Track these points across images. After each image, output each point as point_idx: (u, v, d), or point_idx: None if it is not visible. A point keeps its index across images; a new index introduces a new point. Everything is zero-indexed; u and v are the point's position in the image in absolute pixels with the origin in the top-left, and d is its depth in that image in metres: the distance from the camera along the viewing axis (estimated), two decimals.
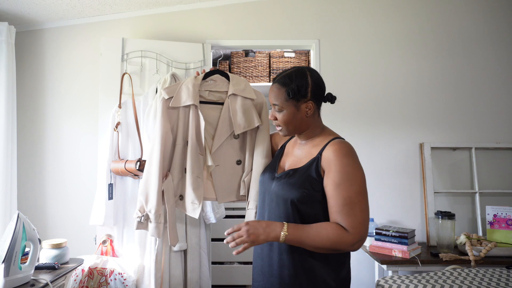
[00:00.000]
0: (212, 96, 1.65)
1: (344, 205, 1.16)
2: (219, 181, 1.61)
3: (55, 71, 2.64)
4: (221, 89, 1.65)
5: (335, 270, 1.26)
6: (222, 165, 1.61)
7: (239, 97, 1.60)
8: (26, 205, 2.53)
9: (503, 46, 2.70)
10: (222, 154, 1.61)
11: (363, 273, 2.58)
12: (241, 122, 1.57)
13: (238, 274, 2.87)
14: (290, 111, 1.29)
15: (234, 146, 1.63)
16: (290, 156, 1.39)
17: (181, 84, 1.64)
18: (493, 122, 2.66)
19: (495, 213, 2.34)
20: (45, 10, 2.47)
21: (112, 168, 2.19)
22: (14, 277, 1.54)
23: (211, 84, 1.66)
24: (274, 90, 1.31)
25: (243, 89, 1.62)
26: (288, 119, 1.30)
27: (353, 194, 1.17)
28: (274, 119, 1.34)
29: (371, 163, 2.63)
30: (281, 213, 1.27)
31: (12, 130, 2.39)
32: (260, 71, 3.20)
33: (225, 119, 1.60)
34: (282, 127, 1.33)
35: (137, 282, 2.10)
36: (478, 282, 1.49)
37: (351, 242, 1.16)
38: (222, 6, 2.72)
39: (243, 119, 1.57)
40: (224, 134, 1.60)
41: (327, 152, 1.23)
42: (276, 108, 1.31)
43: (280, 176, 1.32)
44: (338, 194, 1.17)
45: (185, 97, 1.59)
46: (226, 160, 1.61)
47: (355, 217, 1.16)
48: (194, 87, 1.60)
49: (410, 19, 2.72)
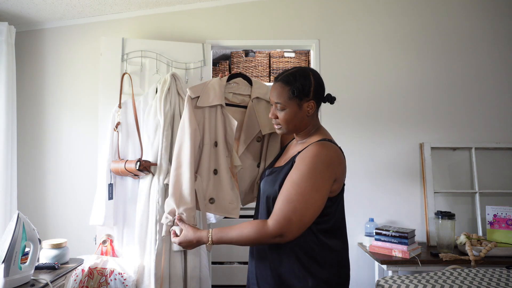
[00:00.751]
0: (235, 98, 1.66)
1: (282, 199, 1.18)
2: (242, 183, 1.63)
3: (55, 71, 2.64)
4: (244, 92, 1.67)
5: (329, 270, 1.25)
6: (245, 167, 1.63)
7: (263, 101, 1.63)
8: (26, 205, 2.53)
9: (503, 46, 2.70)
10: (245, 157, 1.63)
11: (363, 273, 2.58)
12: (267, 125, 1.58)
13: (238, 274, 2.87)
14: (292, 110, 1.29)
15: (256, 149, 1.65)
16: (284, 155, 1.43)
17: (207, 84, 1.64)
18: (493, 122, 2.66)
19: (495, 213, 2.34)
20: (45, 10, 2.47)
21: (112, 168, 2.19)
22: (14, 277, 1.54)
23: (234, 87, 1.67)
24: (277, 89, 1.31)
25: (266, 93, 1.65)
26: (290, 117, 1.30)
27: (295, 192, 1.16)
28: (275, 118, 1.34)
29: (371, 163, 2.63)
30: (264, 209, 1.30)
31: (12, 130, 2.39)
32: (260, 71, 3.20)
33: (250, 121, 1.61)
34: (282, 126, 1.33)
35: (137, 282, 2.10)
36: (478, 282, 1.49)
37: (271, 235, 1.16)
38: (222, 6, 2.72)
39: (268, 121, 1.57)
40: (250, 136, 1.61)
41: (303, 151, 1.25)
42: (278, 106, 1.31)
43: (268, 173, 1.36)
44: (285, 188, 1.19)
45: (212, 96, 1.59)
46: (248, 162, 1.63)
47: (283, 212, 1.15)
48: (220, 87, 1.61)
49: (410, 19, 2.72)
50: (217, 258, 2.88)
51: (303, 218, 1.16)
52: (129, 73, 2.39)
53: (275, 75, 3.16)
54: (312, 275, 1.22)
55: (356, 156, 2.60)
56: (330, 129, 1.43)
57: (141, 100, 2.32)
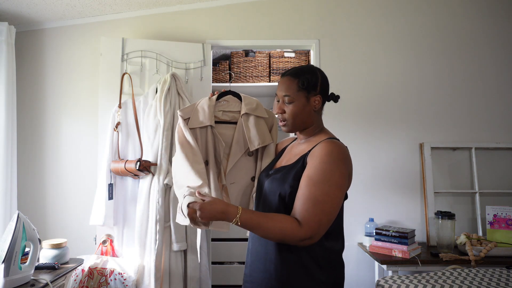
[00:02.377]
0: (225, 116, 1.70)
1: (308, 200, 1.15)
2: (235, 198, 1.64)
3: (55, 71, 2.64)
4: (234, 109, 1.71)
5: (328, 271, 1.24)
6: (238, 182, 1.65)
7: (251, 116, 1.65)
8: (26, 205, 2.53)
9: (503, 46, 2.70)
10: (237, 172, 1.65)
11: (363, 273, 2.58)
12: (255, 139, 1.61)
13: (238, 274, 2.87)
14: (300, 102, 1.31)
15: (249, 164, 1.67)
16: (287, 155, 1.42)
17: (196, 105, 1.69)
18: (493, 122, 2.66)
19: (495, 213, 2.34)
20: (45, 10, 2.47)
21: (112, 168, 2.19)
22: (14, 277, 1.54)
23: (224, 105, 1.71)
24: (285, 82, 1.33)
25: (255, 108, 1.67)
26: (298, 111, 1.31)
27: (320, 193, 1.15)
28: (282, 112, 1.33)
29: (371, 163, 2.63)
30: (270, 209, 1.28)
31: (12, 130, 2.39)
32: (260, 71, 3.20)
33: (239, 137, 1.65)
34: (288, 121, 1.33)
35: (137, 282, 2.10)
36: (478, 282, 1.49)
37: (301, 237, 1.13)
38: (222, 6, 2.72)
39: (257, 136, 1.61)
40: (238, 152, 1.64)
41: (315, 149, 1.25)
42: (286, 99, 1.31)
43: (272, 173, 1.35)
44: (307, 187, 1.17)
45: (201, 118, 1.65)
46: (241, 177, 1.65)
47: (313, 215, 1.14)
48: (209, 108, 1.66)
49: (410, 19, 2.72)
50: (217, 258, 2.88)
51: (330, 218, 1.17)
52: (129, 73, 2.39)
53: (275, 75, 3.17)
54: (313, 277, 1.21)
55: (356, 156, 2.60)
56: (330, 129, 1.43)
57: (141, 100, 2.33)
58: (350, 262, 2.57)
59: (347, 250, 2.24)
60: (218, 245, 2.86)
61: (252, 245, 1.36)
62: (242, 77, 3.22)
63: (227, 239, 2.87)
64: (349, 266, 2.56)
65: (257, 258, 1.32)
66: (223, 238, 2.88)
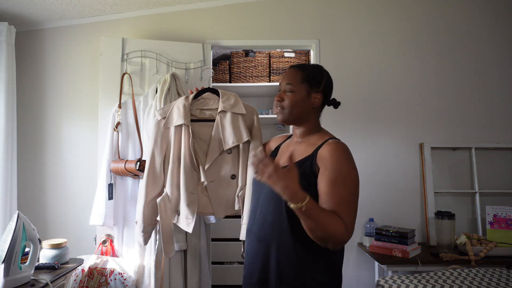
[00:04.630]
0: (203, 114, 1.71)
1: (339, 204, 1.16)
2: (215, 196, 1.65)
3: (55, 71, 2.64)
4: (212, 106, 1.71)
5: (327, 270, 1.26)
6: (217, 181, 1.65)
7: (228, 113, 1.64)
8: (26, 205, 2.53)
9: (503, 46, 2.70)
10: (216, 170, 1.65)
11: (363, 273, 2.58)
12: (230, 138, 1.60)
13: (238, 274, 2.87)
14: (301, 94, 1.32)
15: (228, 161, 1.67)
16: (285, 154, 1.39)
17: (173, 105, 1.70)
18: (493, 122, 2.66)
19: (495, 213, 2.34)
20: (45, 10, 2.47)
21: (112, 168, 2.19)
22: (14, 277, 1.54)
23: (203, 102, 1.72)
24: (291, 72, 1.35)
25: (233, 104, 1.66)
26: (296, 101, 1.32)
27: (346, 193, 1.18)
28: (281, 100, 1.34)
29: (371, 163, 2.63)
30: (272, 209, 1.27)
31: (12, 130, 2.39)
32: (260, 71, 3.20)
33: (216, 135, 1.65)
34: (285, 109, 1.33)
35: (137, 282, 2.10)
36: (478, 282, 1.49)
37: (345, 241, 1.15)
38: (222, 6, 2.72)
39: (232, 134, 1.60)
40: (217, 150, 1.64)
41: (323, 151, 1.25)
42: (288, 87, 1.33)
43: None
44: (333, 192, 1.17)
45: (176, 117, 1.66)
46: (221, 175, 1.65)
47: (349, 217, 1.16)
48: (184, 107, 1.66)
49: (410, 19, 2.72)
50: (217, 258, 2.88)
51: (356, 216, 1.21)
52: (129, 73, 2.39)
53: (275, 75, 3.17)
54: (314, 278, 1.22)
55: (356, 156, 2.55)
56: (330, 129, 1.43)
57: (141, 100, 2.32)
58: (350, 262, 2.57)
59: (347, 250, 2.24)
60: (218, 245, 2.86)
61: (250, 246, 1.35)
62: (242, 77, 3.22)
63: (227, 239, 2.87)
64: (349, 266, 2.56)
65: (256, 260, 1.30)
66: (223, 238, 2.88)
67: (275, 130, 3.56)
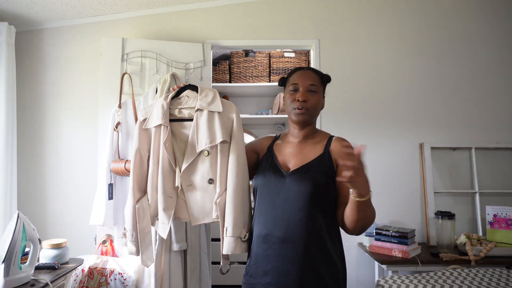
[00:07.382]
0: (182, 113, 1.61)
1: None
2: (192, 202, 1.54)
3: (55, 71, 2.64)
4: (192, 104, 1.60)
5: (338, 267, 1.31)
6: (194, 185, 1.53)
7: (205, 111, 1.53)
8: (26, 205, 2.53)
9: (503, 46, 2.70)
10: (194, 173, 1.54)
11: (363, 273, 2.58)
12: (203, 139, 1.49)
13: (238, 274, 2.87)
14: (320, 96, 1.40)
15: (205, 164, 1.53)
16: (289, 154, 1.39)
17: (153, 105, 1.63)
18: (493, 122, 2.66)
19: (495, 213, 2.34)
20: (45, 10, 2.47)
21: (112, 168, 2.19)
22: (14, 277, 1.54)
23: (183, 101, 1.62)
24: (310, 74, 1.40)
25: (210, 102, 1.55)
26: (318, 103, 1.39)
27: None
28: (303, 101, 1.34)
29: (371, 163, 2.62)
30: (299, 207, 1.27)
31: (12, 130, 2.39)
32: (260, 71, 3.20)
33: (193, 136, 1.54)
34: (310, 110, 1.36)
35: (137, 282, 2.10)
36: (478, 282, 1.49)
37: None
38: (222, 6, 2.72)
39: (206, 134, 1.49)
40: (194, 152, 1.53)
41: (336, 147, 1.33)
42: (312, 88, 1.37)
43: (294, 172, 1.32)
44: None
45: (155, 118, 1.58)
46: (198, 179, 1.54)
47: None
48: (163, 107, 1.58)
49: (410, 20, 2.72)
50: (217, 258, 2.88)
51: None
52: (129, 73, 2.39)
53: (275, 75, 3.17)
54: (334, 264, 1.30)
55: None
56: (330, 129, 1.45)
57: (141, 100, 2.32)
58: (350, 262, 2.57)
59: (347, 250, 2.24)
60: (218, 245, 2.85)
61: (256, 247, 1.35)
62: (242, 77, 3.22)
63: None
64: (349, 266, 2.56)
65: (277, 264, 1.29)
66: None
67: (275, 130, 3.56)
